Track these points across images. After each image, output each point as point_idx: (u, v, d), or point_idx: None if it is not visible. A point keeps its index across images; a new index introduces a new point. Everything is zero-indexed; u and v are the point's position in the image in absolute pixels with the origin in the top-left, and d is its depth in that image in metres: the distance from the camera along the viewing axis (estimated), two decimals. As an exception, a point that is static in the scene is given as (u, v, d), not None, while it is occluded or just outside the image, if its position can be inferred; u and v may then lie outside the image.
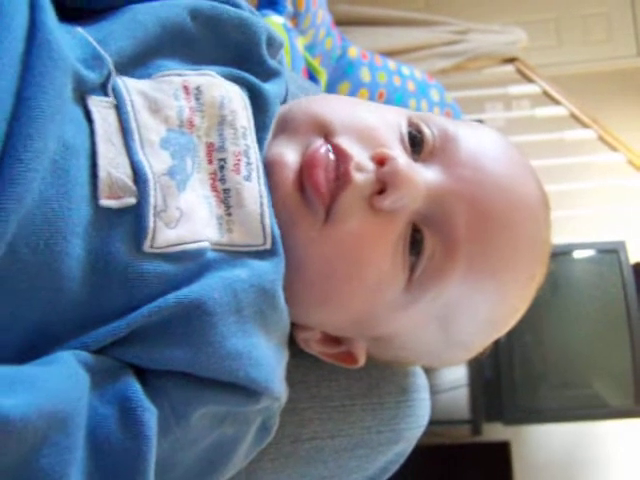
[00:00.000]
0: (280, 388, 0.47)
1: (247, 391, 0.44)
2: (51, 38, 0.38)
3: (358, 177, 0.46)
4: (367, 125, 0.49)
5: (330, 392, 0.60)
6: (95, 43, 0.42)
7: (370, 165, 0.47)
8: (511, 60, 2.58)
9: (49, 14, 0.39)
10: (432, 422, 0.66)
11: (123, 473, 0.38)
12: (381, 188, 0.46)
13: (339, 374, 0.60)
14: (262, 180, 0.46)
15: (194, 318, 0.41)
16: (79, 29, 0.43)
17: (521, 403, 2.06)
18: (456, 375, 2.10)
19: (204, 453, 0.45)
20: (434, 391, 0.68)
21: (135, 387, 0.40)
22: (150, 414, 0.39)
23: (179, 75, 0.46)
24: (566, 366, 2.08)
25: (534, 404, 2.08)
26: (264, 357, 0.44)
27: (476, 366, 2.07)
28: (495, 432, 2.22)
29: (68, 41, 0.40)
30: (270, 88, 0.52)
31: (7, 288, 0.36)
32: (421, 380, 0.66)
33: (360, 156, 0.47)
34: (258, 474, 0.56)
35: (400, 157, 0.47)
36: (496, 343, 0.57)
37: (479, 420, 2.09)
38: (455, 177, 0.49)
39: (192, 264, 0.42)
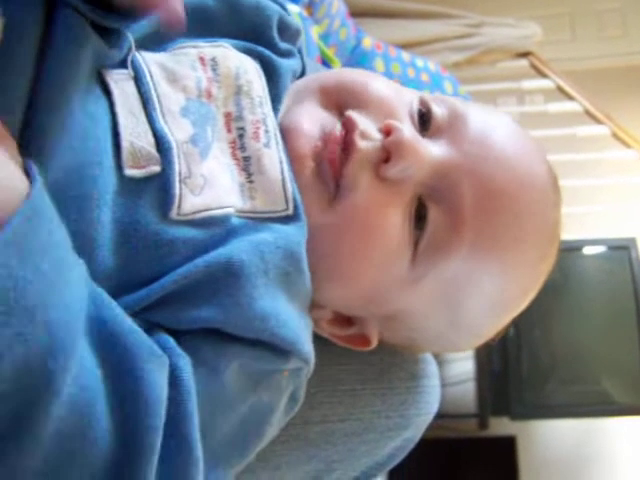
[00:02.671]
0: (309, 350, 0.47)
1: (276, 349, 0.44)
2: (70, 13, 0.38)
3: (362, 144, 0.47)
4: (379, 97, 0.50)
5: (341, 376, 0.61)
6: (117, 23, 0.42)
7: (377, 135, 0.48)
8: (525, 54, 2.56)
9: None
10: (439, 415, 0.66)
11: (167, 421, 0.37)
12: (387, 157, 0.47)
13: (351, 358, 0.61)
14: (281, 146, 0.47)
15: (222, 279, 0.41)
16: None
17: (528, 398, 2.05)
18: (463, 369, 2.10)
19: (241, 423, 0.45)
20: (441, 384, 0.68)
21: (167, 338, 0.40)
22: (184, 360, 0.40)
23: (194, 47, 0.47)
24: (574, 362, 2.08)
25: (541, 399, 2.07)
26: (291, 319, 0.45)
27: (484, 360, 2.07)
28: (502, 427, 2.21)
29: (89, 18, 0.40)
30: (282, 61, 0.52)
31: None
32: (432, 367, 0.66)
33: (366, 125, 0.48)
34: (267, 455, 0.56)
35: (406, 129, 0.48)
36: (504, 337, 0.57)
37: (486, 414, 2.09)
38: (462, 152, 0.49)
39: (218, 229, 0.43)
